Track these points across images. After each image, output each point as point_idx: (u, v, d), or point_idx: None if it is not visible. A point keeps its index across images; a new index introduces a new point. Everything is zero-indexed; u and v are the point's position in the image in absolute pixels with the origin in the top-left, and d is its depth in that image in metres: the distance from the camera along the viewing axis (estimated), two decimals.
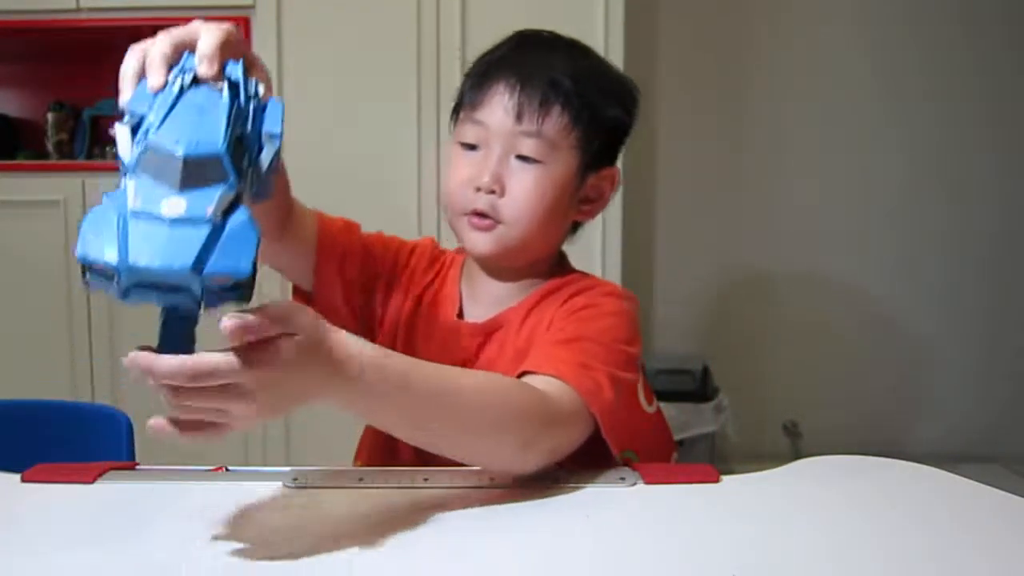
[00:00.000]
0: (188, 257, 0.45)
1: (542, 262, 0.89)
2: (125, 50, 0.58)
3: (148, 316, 0.70)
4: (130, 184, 0.48)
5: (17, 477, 0.70)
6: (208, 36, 0.56)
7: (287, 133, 0.55)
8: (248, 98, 0.54)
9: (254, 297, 0.50)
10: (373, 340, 0.90)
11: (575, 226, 0.90)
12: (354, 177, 2.10)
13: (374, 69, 2.08)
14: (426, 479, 0.70)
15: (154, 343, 0.51)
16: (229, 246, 0.47)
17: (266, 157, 0.53)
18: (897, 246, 2.72)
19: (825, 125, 2.68)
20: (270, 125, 0.54)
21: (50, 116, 2.31)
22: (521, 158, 0.81)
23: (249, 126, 0.53)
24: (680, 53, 2.62)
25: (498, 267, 0.87)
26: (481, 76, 0.84)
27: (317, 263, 0.87)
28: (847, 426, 2.63)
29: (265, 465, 0.81)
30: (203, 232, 0.46)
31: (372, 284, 0.91)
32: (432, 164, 2.08)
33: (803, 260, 2.73)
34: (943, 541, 0.59)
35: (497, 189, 0.81)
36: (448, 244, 0.97)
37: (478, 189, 0.81)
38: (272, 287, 2.26)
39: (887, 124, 2.68)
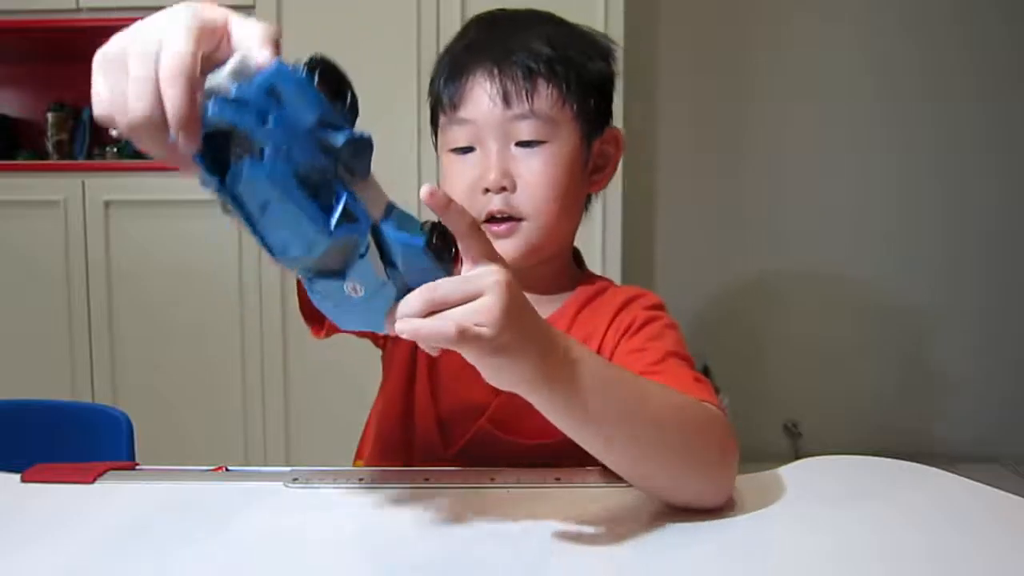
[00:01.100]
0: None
1: (562, 254, 0.85)
2: None
3: (147, 316, 0.69)
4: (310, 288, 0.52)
5: (17, 477, 0.70)
6: (176, 48, 0.43)
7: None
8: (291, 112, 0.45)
9: None
10: (389, 362, 0.85)
11: (587, 200, 0.86)
12: None
13: (374, 69, 2.08)
14: (426, 479, 0.70)
15: (152, 342, 0.52)
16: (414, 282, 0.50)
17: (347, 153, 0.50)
18: (897, 246, 2.72)
19: (825, 125, 2.68)
20: (302, 113, 0.45)
21: (50, 116, 2.31)
22: (522, 144, 0.75)
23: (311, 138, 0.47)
24: (680, 53, 2.62)
25: (521, 269, 0.82)
26: (452, 71, 0.78)
27: None
28: (847, 426, 2.63)
29: (265, 465, 0.81)
30: (390, 294, 0.50)
31: None
32: (432, 164, 2.08)
33: (803, 260, 2.73)
34: (943, 541, 0.59)
35: (507, 184, 0.75)
36: None
37: (486, 191, 0.75)
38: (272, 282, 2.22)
39: (886, 124, 2.68)
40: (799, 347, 2.75)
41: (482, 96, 0.75)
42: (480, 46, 0.77)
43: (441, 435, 0.80)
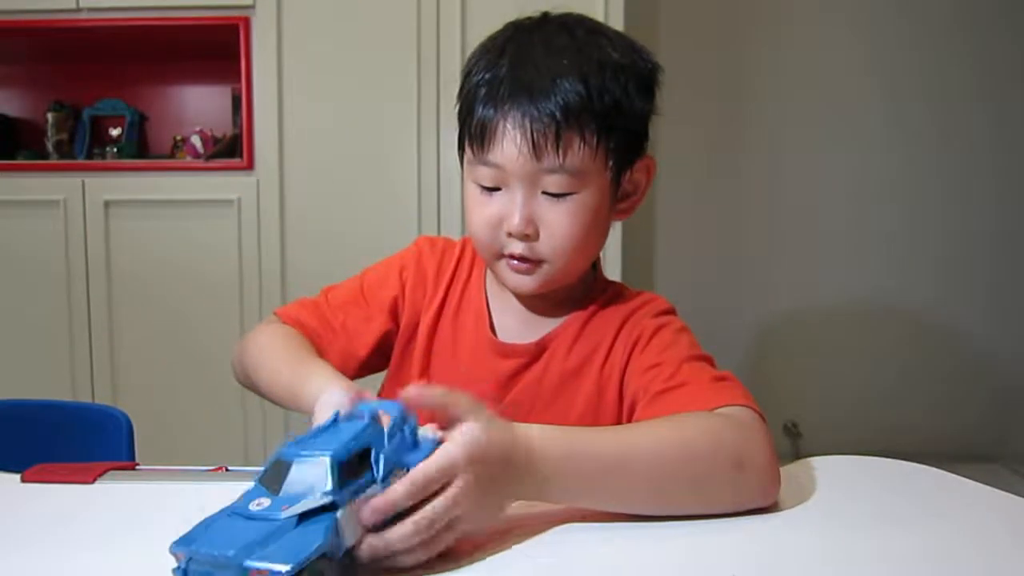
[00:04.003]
0: (236, 545, 0.45)
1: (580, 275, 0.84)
2: (125, 50, 0.53)
3: (147, 316, 0.69)
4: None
5: (17, 477, 0.70)
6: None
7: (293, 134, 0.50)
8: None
9: None
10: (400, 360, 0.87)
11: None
12: (354, 177, 2.10)
13: (374, 69, 2.08)
14: None
15: (152, 342, 0.51)
16: (286, 544, 0.45)
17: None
18: (897, 246, 2.72)
19: (825, 125, 2.68)
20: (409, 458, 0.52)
21: (50, 116, 2.31)
22: (548, 193, 0.73)
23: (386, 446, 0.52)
24: (680, 53, 2.62)
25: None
26: (482, 103, 0.73)
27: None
28: (847, 426, 2.63)
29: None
30: (269, 527, 0.46)
31: (390, 338, 0.86)
32: (432, 164, 2.08)
33: (802, 260, 2.73)
34: (943, 541, 0.59)
35: (531, 232, 0.74)
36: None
37: (509, 234, 0.74)
38: (272, 292, 2.21)
39: (886, 124, 2.68)
40: (799, 347, 2.75)
41: (511, 145, 0.72)
42: (514, 83, 0.72)
43: None
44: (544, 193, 0.73)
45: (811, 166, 2.70)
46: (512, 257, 0.76)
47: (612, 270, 2.07)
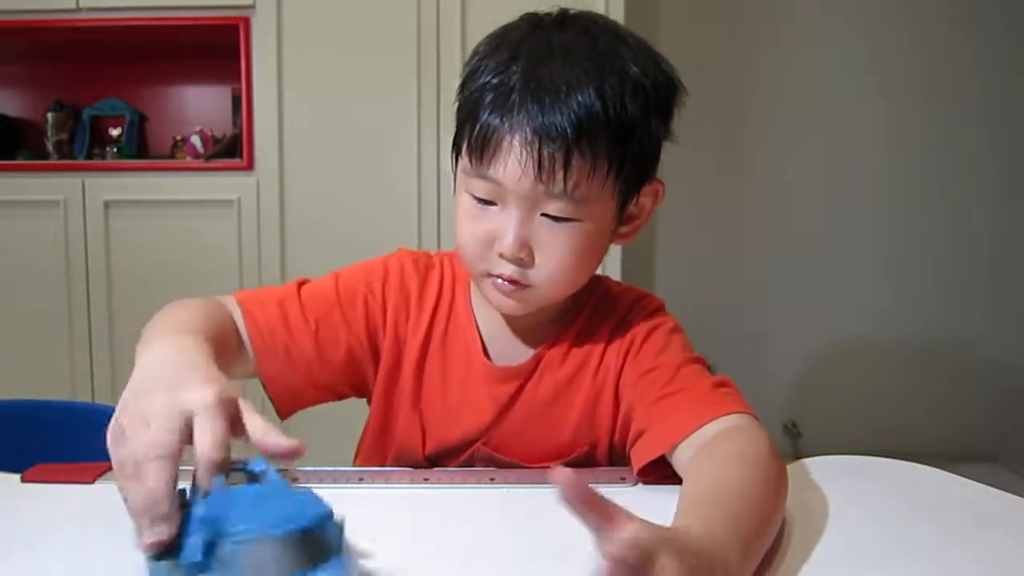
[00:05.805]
0: None
1: None
2: (125, 50, 0.51)
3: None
4: None
5: (17, 477, 0.70)
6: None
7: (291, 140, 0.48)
8: None
9: None
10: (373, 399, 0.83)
11: None
12: (354, 177, 2.10)
13: (374, 69, 2.08)
14: (426, 479, 0.70)
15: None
16: None
17: None
18: (897, 245, 2.72)
19: (825, 125, 2.68)
20: None
21: (50, 116, 2.31)
22: (549, 216, 0.68)
23: None
24: (680, 53, 2.61)
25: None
26: (486, 113, 0.67)
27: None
28: (847, 426, 2.63)
29: None
30: None
31: (360, 368, 0.81)
32: (432, 164, 2.08)
33: (803, 260, 2.74)
34: (943, 541, 0.59)
35: (525, 256, 0.69)
36: (447, 244, 0.93)
37: (501, 254, 0.69)
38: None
39: (887, 124, 2.68)
40: (799, 347, 2.75)
41: (514, 163, 0.66)
42: (526, 91, 0.66)
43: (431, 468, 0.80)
44: (544, 215, 0.68)
45: (811, 166, 2.70)
46: (500, 278, 0.71)
47: (612, 270, 2.08)
